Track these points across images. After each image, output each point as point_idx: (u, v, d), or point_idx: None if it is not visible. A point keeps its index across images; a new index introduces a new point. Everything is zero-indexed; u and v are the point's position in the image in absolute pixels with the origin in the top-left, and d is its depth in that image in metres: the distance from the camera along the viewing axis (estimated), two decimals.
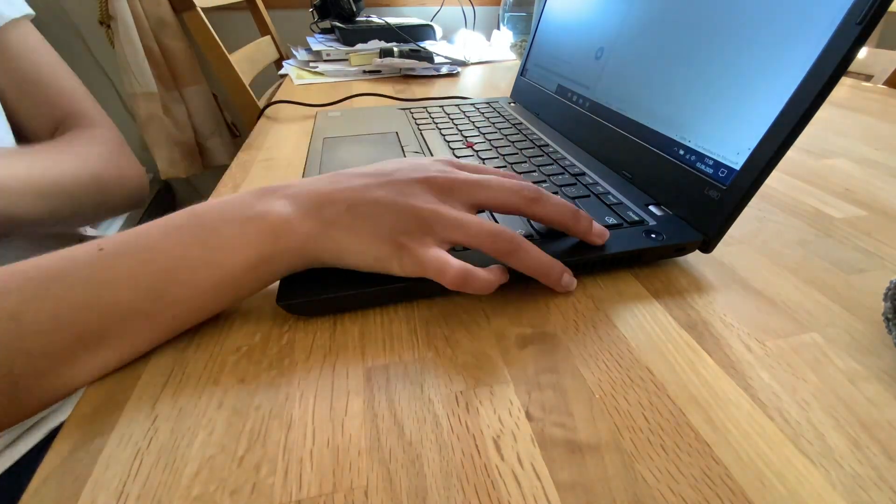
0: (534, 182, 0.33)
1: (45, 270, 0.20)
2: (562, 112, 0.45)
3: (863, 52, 0.87)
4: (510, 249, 0.23)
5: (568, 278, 0.25)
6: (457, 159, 0.28)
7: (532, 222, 0.28)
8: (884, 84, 0.80)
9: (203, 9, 0.80)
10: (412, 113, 0.53)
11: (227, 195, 0.24)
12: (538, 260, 0.23)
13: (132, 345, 0.21)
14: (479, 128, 0.47)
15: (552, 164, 0.36)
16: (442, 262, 0.22)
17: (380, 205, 0.23)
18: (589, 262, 0.26)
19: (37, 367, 0.19)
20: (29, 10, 0.45)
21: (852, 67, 0.90)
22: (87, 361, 0.20)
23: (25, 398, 0.19)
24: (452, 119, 0.50)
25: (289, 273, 0.23)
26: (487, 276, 0.22)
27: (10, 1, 0.43)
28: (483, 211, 0.27)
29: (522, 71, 0.57)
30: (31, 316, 0.19)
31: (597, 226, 0.26)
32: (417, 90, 0.71)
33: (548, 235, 0.27)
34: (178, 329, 0.22)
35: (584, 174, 0.35)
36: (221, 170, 0.49)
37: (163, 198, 1.33)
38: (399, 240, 0.22)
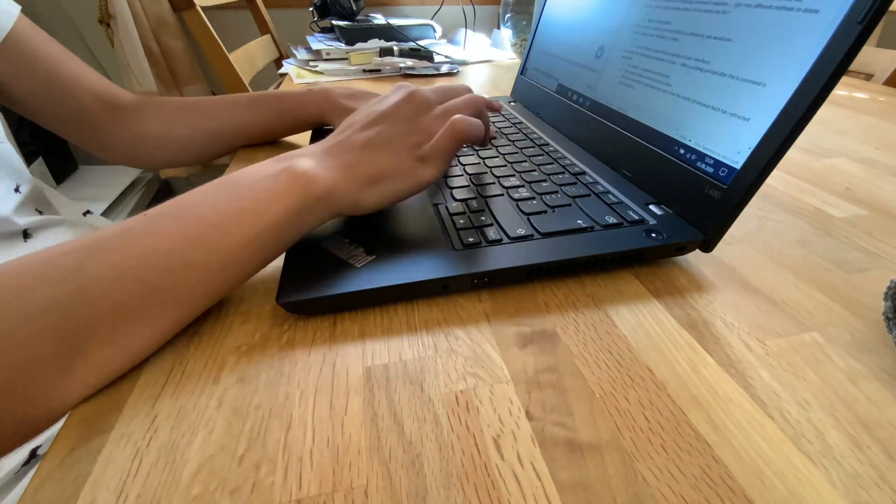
0: (534, 181, 0.33)
1: (99, 235, 0.21)
2: (562, 111, 0.45)
3: (863, 52, 0.87)
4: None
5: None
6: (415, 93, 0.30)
7: (532, 220, 0.28)
8: (884, 84, 0.80)
9: (203, 7, 0.80)
10: None
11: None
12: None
13: (189, 300, 0.22)
14: None
15: (552, 164, 0.36)
16: (445, 133, 0.27)
17: (386, 133, 0.27)
18: (589, 261, 0.26)
19: (98, 321, 0.19)
20: (17, 6, 0.44)
21: (852, 67, 0.90)
22: (150, 322, 0.21)
23: (80, 363, 0.19)
24: None
25: (320, 223, 0.25)
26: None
27: None
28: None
29: (522, 70, 0.57)
30: (93, 268, 0.19)
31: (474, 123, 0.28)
32: None
33: (548, 235, 0.27)
34: (227, 287, 0.23)
35: (584, 173, 0.35)
36: (221, 169, 0.49)
37: (163, 197, 1.33)
38: (415, 153, 0.27)
